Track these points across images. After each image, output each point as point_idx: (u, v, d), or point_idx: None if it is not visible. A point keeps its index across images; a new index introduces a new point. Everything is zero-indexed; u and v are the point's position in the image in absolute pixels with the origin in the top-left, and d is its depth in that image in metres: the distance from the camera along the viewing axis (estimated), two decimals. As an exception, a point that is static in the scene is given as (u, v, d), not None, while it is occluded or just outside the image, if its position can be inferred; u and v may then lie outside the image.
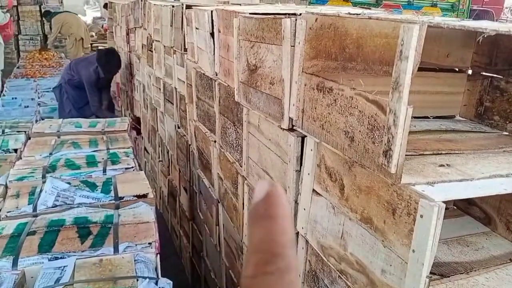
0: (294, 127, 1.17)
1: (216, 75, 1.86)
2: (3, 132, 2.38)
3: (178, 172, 2.81)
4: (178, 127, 2.72)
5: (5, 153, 2.13)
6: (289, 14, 1.44)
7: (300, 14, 1.30)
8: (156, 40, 3.09)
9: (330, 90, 0.98)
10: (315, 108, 1.04)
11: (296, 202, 1.17)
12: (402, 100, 0.74)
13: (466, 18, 7.47)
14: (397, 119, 0.75)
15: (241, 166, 1.62)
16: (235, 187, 1.70)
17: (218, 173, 1.94)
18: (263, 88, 1.33)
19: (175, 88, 2.68)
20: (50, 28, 9.05)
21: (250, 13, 1.48)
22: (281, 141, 1.24)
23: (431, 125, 1.20)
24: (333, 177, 0.99)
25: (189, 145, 2.46)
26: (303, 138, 1.14)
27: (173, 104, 2.78)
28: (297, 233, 1.19)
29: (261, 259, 0.26)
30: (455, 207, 1.29)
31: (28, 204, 1.59)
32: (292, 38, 1.13)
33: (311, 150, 1.08)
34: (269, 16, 1.31)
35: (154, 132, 3.50)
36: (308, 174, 1.10)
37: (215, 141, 1.94)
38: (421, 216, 0.72)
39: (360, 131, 0.86)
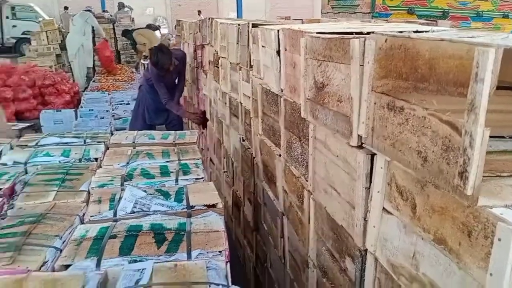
0: (363, 145, 1.19)
1: (282, 91, 1.92)
2: (84, 142, 2.59)
3: (242, 183, 2.89)
4: (243, 140, 2.81)
5: (87, 161, 2.32)
6: (356, 33, 1.47)
7: (368, 33, 1.32)
8: (222, 57, 3.22)
9: (401, 109, 0.99)
10: (386, 127, 1.06)
11: (365, 219, 1.18)
12: (478, 122, 0.74)
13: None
14: (474, 141, 0.75)
15: (307, 181, 1.65)
16: (301, 201, 1.73)
17: (283, 186, 1.98)
18: (331, 105, 1.36)
19: (241, 103, 2.77)
20: (131, 45, 9.68)
21: (317, 33, 1.52)
22: (350, 158, 1.26)
23: (508, 145, 1.16)
24: (404, 196, 1.00)
25: (254, 157, 2.53)
26: (372, 155, 1.15)
27: (238, 118, 2.87)
28: (366, 251, 1.20)
29: None
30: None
31: (109, 210, 1.73)
32: (361, 57, 1.14)
33: (381, 168, 1.10)
34: (337, 36, 1.34)
35: (219, 144, 3.63)
36: (378, 192, 1.11)
37: (280, 155, 1.99)
38: (499, 240, 0.71)
39: (433, 151, 0.87)
